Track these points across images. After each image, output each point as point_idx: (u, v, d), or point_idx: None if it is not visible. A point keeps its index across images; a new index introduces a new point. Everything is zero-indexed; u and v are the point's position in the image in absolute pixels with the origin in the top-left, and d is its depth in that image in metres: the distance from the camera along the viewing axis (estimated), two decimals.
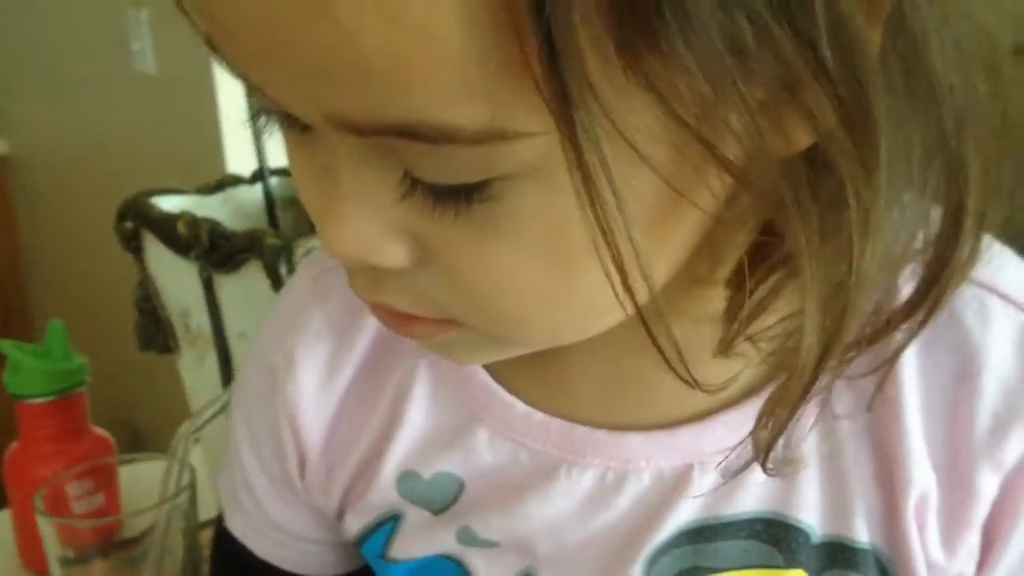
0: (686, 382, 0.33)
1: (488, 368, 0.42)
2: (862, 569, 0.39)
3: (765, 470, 0.37)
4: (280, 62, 0.27)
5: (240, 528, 0.50)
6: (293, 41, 0.26)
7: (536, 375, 0.41)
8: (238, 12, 0.27)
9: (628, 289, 0.29)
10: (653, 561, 0.39)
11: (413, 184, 0.30)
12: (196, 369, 0.74)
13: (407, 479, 0.43)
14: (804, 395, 0.34)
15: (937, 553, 0.39)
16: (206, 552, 0.75)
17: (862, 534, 0.39)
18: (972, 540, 0.39)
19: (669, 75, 0.26)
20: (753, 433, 0.36)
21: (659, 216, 0.31)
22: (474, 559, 0.42)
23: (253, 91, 0.30)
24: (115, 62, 1.76)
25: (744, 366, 0.36)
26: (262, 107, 0.32)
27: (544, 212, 0.30)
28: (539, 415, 0.41)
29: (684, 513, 0.39)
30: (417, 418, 0.42)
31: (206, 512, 0.72)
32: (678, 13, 0.24)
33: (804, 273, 0.31)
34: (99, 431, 0.82)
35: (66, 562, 0.64)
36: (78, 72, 1.89)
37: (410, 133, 0.27)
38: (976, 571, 0.40)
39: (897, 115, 0.29)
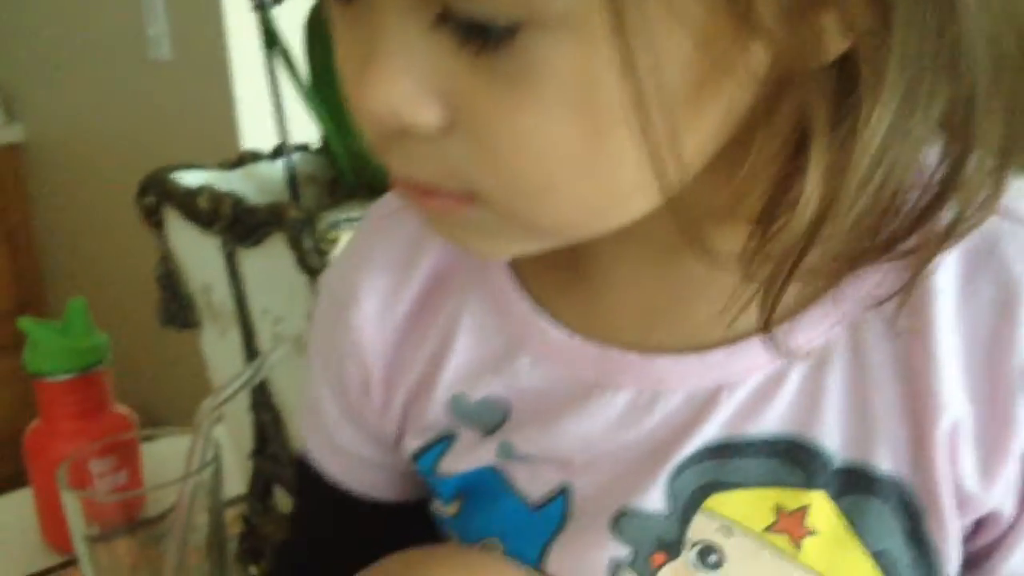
0: (709, 260, 0.36)
1: (530, 296, 0.45)
2: (881, 497, 0.40)
3: (766, 337, 0.38)
4: None
5: (316, 451, 0.53)
6: None
7: (575, 300, 0.44)
8: None
9: (658, 161, 0.31)
10: (677, 474, 0.41)
11: (445, 20, 0.31)
12: (218, 344, 0.74)
13: (458, 402, 0.46)
14: (795, 263, 0.35)
15: (972, 483, 0.39)
16: (231, 530, 0.75)
17: (884, 462, 0.39)
18: (1011, 471, 0.39)
19: None
20: (759, 304, 0.37)
21: (692, 90, 0.32)
22: (513, 471, 0.45)
23: None
24: (130, 48, 1.76)
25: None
26: None
27: (575, 69, 0.31)
28: (577, 340, 0.43)
29: (709, 431, 0.41)
30: (465, 346, 0.45)
31: (231, 490, 0.71)
32: None
33: (814, 145, 0.33)
34: (121, 409, 0.82)
35: (91, 540, 0.64)
36: (94, 58, 1.89)
37: None
38: (1016, 507, 0.40)
39: (918, 26, 0.31)
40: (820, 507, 0.40)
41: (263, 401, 0.71)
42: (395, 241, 0.47)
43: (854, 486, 0.40)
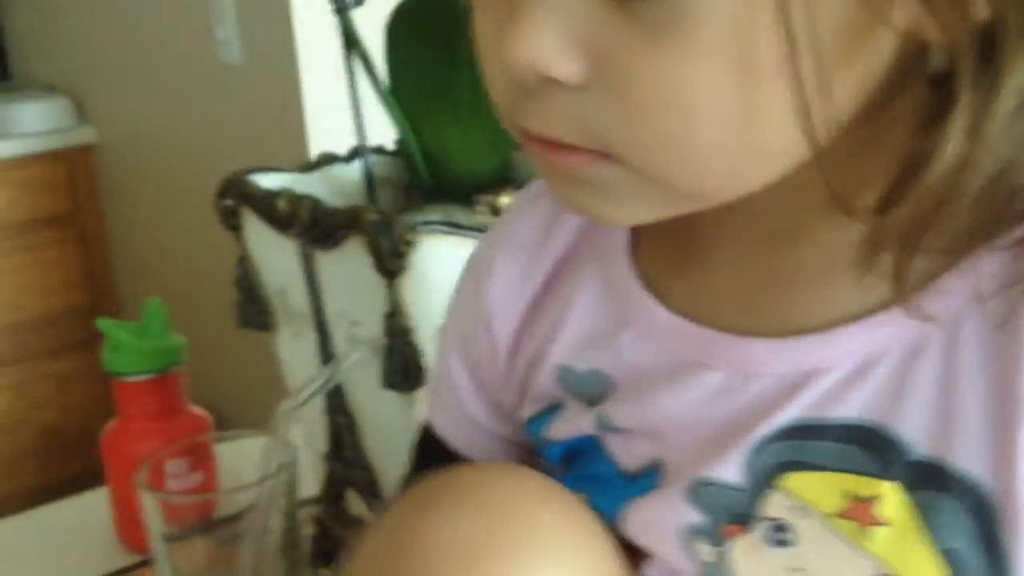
0: (852, 215, 0.36)
1: (641, 275, 0.45)
2: (956, 495, 0.38)
3: (904, 303, 0.38)
4: None
5: (441, 423, 0.55)
6: None
7: (683, 280, 0.45)
8: None
9: (808, 112, 0.32)
10: (756, 450, 0.41)
11: None
12: (294, 347, 0.74)
13: (564, 373, 0.47)
14: (928, 223, 0.35)
15: None
16: (305, 531, 0.75)
17: (963, 461, 0.38)
18: None
19: None
20: (892, 269, 0.37)
21: (843, 38, 0.32)
22: (610, 442, 0.46)
23: None
24: (200, 51, 1.77)
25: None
26: None
27: (729, 15, 0.31)
28: (678, 320, 0.44)
29: (793, 411, 0.41)
30: (577, 319, 0.47)
31: (304, 492, 0.71)
32: None
33: (960, 98, 0.33)
34: (197, 410, 0.82)
35: (167, 539, 0.64)
36: (164, 61, 1.91)
37: None
38: None
39: None
40: (892, 498, 0.39)
41: (337, 404, 0.71)
42: (532, 222, 0.49)
43: (929, 481, 0.39)
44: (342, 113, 0.76)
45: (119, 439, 0.81)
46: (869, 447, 0.40)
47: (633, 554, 0.46)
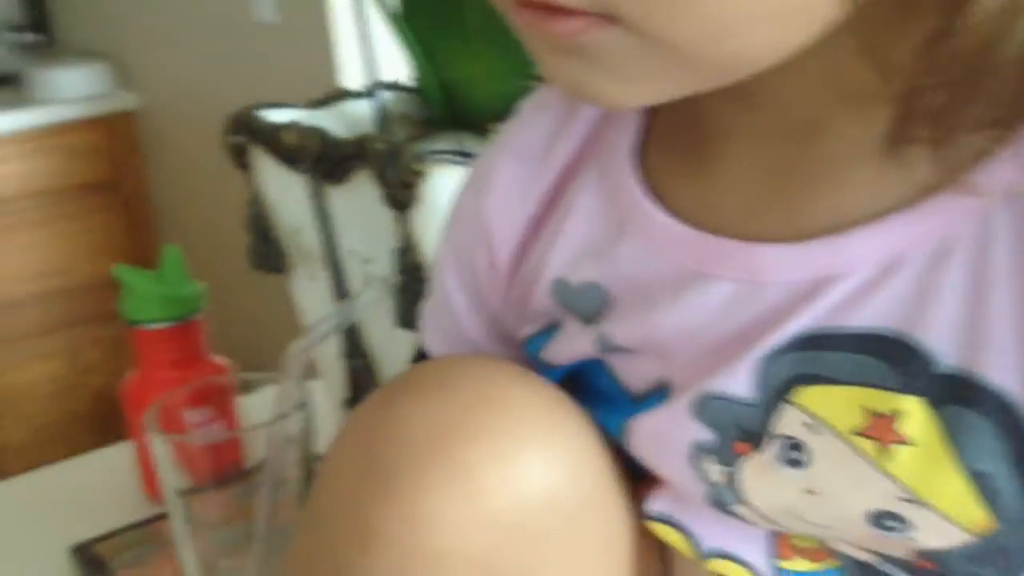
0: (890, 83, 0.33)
1: (646, 180, 0.42)
2: (987, 412, 0.35)
3: (951, 185, 0.34)
4: None
5: (436, 345, 0.52)
6: None
7: (691, 185, 0.41)
8: None
9: None
10: (767, 362, 0.38)
11: None
12: (308, 288, 0.72)
13: (559, 286, 0.45)
14: (969, 79, 0.32)
15: None
16: None
17: (995, 373, 0.34)
18: None
19: None
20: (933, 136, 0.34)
21: None
22: (614, 363, 0.43)
23: None
24: (235, 11, 1.76)
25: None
26: None
27: None
28: (679, 227, 0.40)
29: (805, 320, 0.37)
30: (575, 228, 0.44)
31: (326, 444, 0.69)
32: None
33: None
34: (219, 359, 0.80)
35: (181, 493, 0.62)
36: (199, 22, 1.90)
37: None
38: None
39: None
40: (915, 414, 0.36)
41: (354, 347, 0.69)
42: (536, 132, 0.46)
43: (956, 396, 0.35)
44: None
45: (139, 388, 0.79)
46: (890, 358, 0.36)
47: (636, 490, 0.44)
